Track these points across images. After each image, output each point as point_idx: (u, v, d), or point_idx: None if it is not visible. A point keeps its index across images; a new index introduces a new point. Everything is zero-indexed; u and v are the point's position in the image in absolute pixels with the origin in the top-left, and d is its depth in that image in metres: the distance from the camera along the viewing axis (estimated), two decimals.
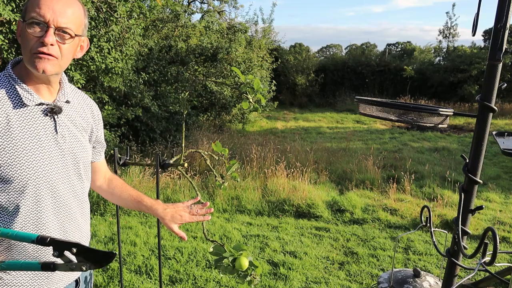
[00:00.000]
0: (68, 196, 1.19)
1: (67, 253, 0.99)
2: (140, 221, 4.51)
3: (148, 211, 1.44)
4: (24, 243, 1.10)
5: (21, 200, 1.09)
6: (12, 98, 1.07)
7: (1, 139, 1.04)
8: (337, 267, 3.60)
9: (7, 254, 1.11)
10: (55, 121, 1.14)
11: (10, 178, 1.05)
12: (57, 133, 1.14)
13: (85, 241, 1.29)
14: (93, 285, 3.24)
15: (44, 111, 1.12)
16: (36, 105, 1.10)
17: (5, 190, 1.06)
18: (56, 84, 1.17)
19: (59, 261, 1.01)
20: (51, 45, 1.05)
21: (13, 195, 1.07)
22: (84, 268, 1.00)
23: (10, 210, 1.09)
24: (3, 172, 1.04)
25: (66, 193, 1.19)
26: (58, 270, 1.01)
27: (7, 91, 1.07)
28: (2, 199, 1.07)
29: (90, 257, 1.01)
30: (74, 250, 0.99)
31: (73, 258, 0.99)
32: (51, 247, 0.98)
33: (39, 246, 1.08)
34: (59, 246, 1.00)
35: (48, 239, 1.00)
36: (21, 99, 1.07)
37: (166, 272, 3.35)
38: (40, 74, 1.06)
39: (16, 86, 1.07)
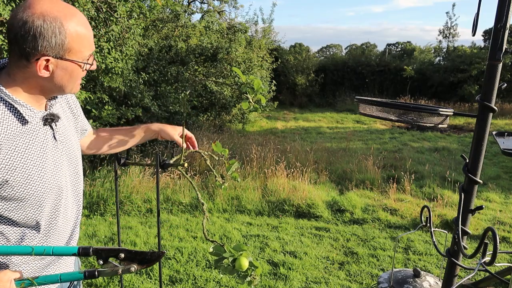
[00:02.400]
0: (70, 199, 1.21)
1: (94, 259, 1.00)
2: (140, 221, 4.51)
3: (147, 138, 1.51)
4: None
5: (39, 214, 1.09)
6: (14, 116, 1.03)
7: (11, 160, 1.01)
8: (337, 267, 3.60)
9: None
10: (52, 129, 1.13)
11: (25, 196, 1.04)
12: (56, 140, 1.14)
13: (76, 239, 1.30)
14: (93, 285, 3.23)
15: (43, 121, 1.10)
16: (37, 118, 1.09)
17: (21, 208, 1.05)
18: None
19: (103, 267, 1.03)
20: None
21: (30, 211, 1.07)
22: (132, 270, 1.02)
23: (29, 225, 1.09)
24: (17, 192, 1.03)
25: (70, 196, 1.20)
26: (103, 276, 1.02)
27: (8, 110, 1.02)
28: (20, 216, 1.06)
29: (136, 259, 1.02)
30: (122, 255, 1.01)
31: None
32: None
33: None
34: (104, 256, 1.02)
35: (90, 249, 1.01)
36: (21, 115, 1.04)
37: (166, 272, 3.35)
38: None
39: (14, 105, 1.02)
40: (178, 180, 5.48)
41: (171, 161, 1.65)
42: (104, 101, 6.65)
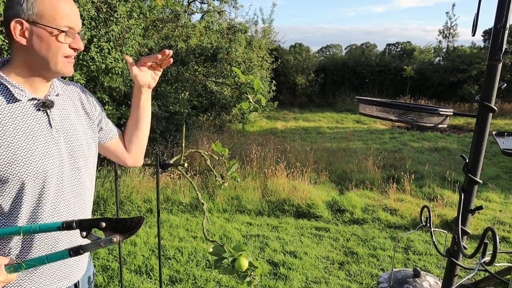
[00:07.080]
0: (66, 191, 1.18)
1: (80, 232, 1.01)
2: None
3: (139, 98, 1.37)
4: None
5: (19, 199, 1.07)
6: (3, 96, 1.06)
7: None
8: (337, 267, 3.60)
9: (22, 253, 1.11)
10: (48, 115, 1.13)
11: (6, 177, 1.04)
12: (51, 127, 1.14)
13: (73, 242, 1.26)
14: (93, 285, 3.24)
15: (36, 106, 1.11)
16: (28, 100, 1.09)
17: (2, 190, 1.05)
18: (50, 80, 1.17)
19: (85, 241, 1.03)
20: None
21: (11, 194, 1.06)
22: (114, 240, 1.02)
23: (8, 210, 1.07)
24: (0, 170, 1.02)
25: (65, 187, 1.17)
26: (87, 250, 1.02)
27: None
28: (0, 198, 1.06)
29: (118, 228, 1.02)
30: (104, 224, 1.02)
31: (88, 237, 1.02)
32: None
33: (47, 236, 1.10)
34: (87, 225, 1.02)
35: (74, 222, 1.02)
36: (12, 95, 1.06)
37: (166, 272, 3.35)
38: (65, 75, 1.13)
39: (7, 85, 1.06)
40: (178, 180, 5.48)
41: (171, 161, 1.65)
42: (104, 101, 6.65)
